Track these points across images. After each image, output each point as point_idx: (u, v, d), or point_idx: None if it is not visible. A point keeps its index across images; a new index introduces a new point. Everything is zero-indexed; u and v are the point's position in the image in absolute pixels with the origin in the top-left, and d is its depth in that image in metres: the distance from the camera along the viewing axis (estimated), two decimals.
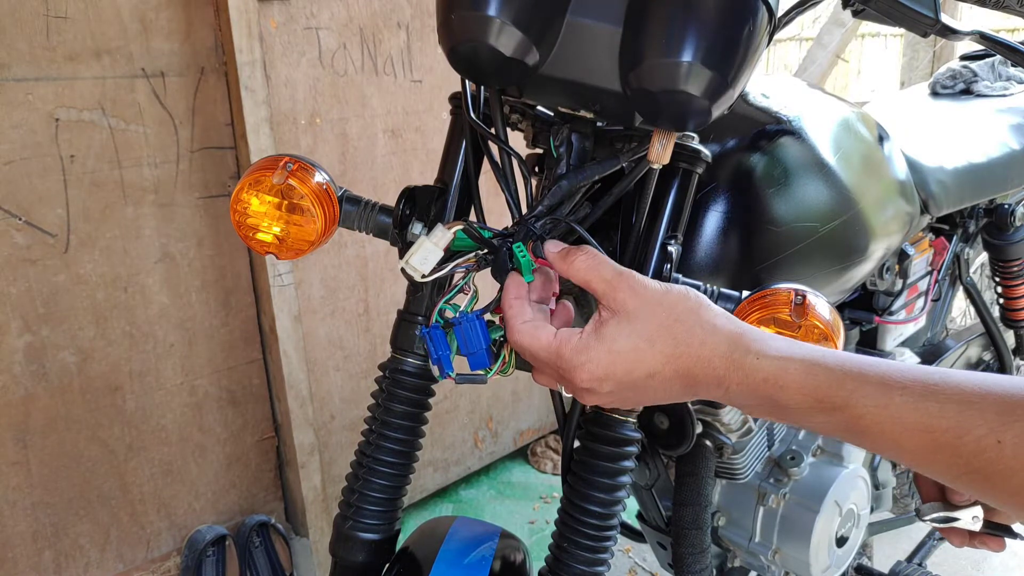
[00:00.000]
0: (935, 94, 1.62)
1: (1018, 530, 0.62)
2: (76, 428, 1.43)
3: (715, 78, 0.55)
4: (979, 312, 1.47)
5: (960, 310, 1.79)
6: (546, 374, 0.60)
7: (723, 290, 0.68)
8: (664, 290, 0.56)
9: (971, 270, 1.44)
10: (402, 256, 0.70)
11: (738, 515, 1.07)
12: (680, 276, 0.70)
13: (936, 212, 1.16)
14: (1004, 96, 1.53)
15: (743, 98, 0.85)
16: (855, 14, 0.82)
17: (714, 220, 0.79)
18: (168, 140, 1.45)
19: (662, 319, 0.54)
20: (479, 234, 0.65)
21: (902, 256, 1.18)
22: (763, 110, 0.85)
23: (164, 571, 1.60)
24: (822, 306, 0.63)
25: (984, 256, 1.49)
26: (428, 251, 0.64)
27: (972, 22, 0.88)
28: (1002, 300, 1.49)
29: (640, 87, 0.56)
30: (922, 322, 1.31)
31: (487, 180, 0.75)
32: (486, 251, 0.65)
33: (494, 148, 0.69)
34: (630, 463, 0.72)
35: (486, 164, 0.73)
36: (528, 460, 2.29)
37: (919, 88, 1.68)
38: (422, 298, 0.76)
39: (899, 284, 1.19)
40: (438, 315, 0.65)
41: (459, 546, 0.74)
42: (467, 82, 0.72)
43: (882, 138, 1.02)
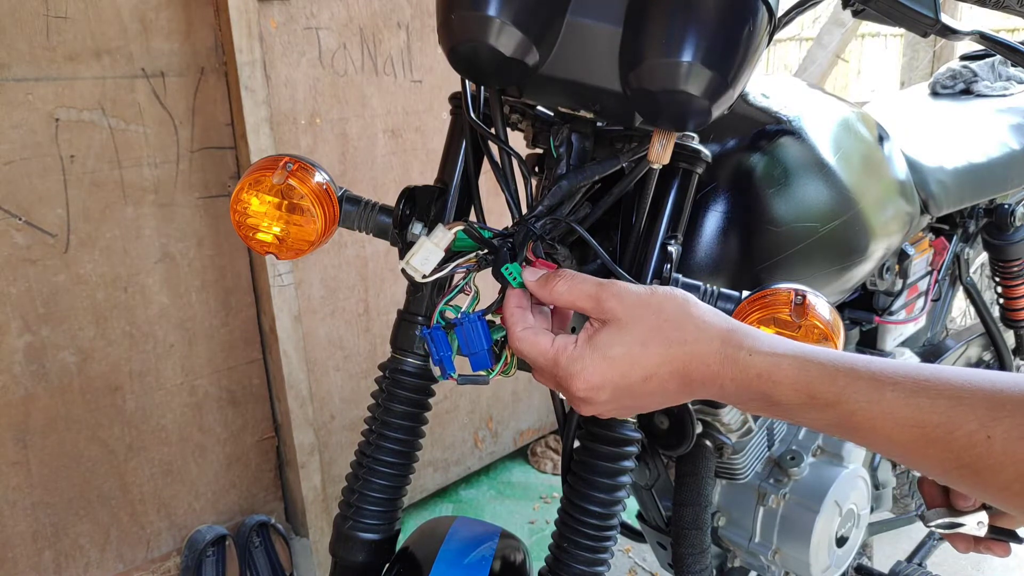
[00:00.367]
0: (935, 94, 1.62)
1: (1023, 534, 0.62)
2: (76, 428, 1.43)
3: (715, 78, 0.55)
4: (979, 312, 1.47)
5: (960, 310, 1.79)
6: (544, 377, 0.60)
7: (723, 290, 0.68)
8: (649, 292, 0.56)
9: (971, 270, 1.44)
10: (402, 256, 0.70)
11: (738, 515, 1.07)
12: (680, 276, 0.70)
13: (936, 212, 1.16)
14: (1004, 96, 1.53)
15: (743, 98, 0.85)
16: (855, 14, 0.82)
17: (714, 220, 0.79)
18: (168, 140, 1.45)
19: (652, 321, 0.55)
20: (479, 234, 0.65)
21: (902, 256, 1.18)
22: (763, 110, 0.85)
23: (164, 571, 1.60)
24: (822, 306, 0.63)
25: (984, 256, 1.49)
26: (429, 251, 0.64)
27: (972, 22, 0.88)
28: (1002, 300, 1.49)
29: (640, 87, 0.56)
30: (922, 322, 1.31)
31: (487, 180, 0.75)
32: (487, 251, 0.65)
33: (494, 148, 0.69)
34: (630, 463, 0.72)
35: (486, 164, 0.73)
36: (528, 460, 2.29)
37: (919, 88, 1.68)
38: (422, 298, 0.76)
39: (899, 284, 1.19)
40: (439, 316, 0.65)
41: (459, 546, 0.74)
42: (467, 82, 0.72)
43: (882, 138, 1.02)
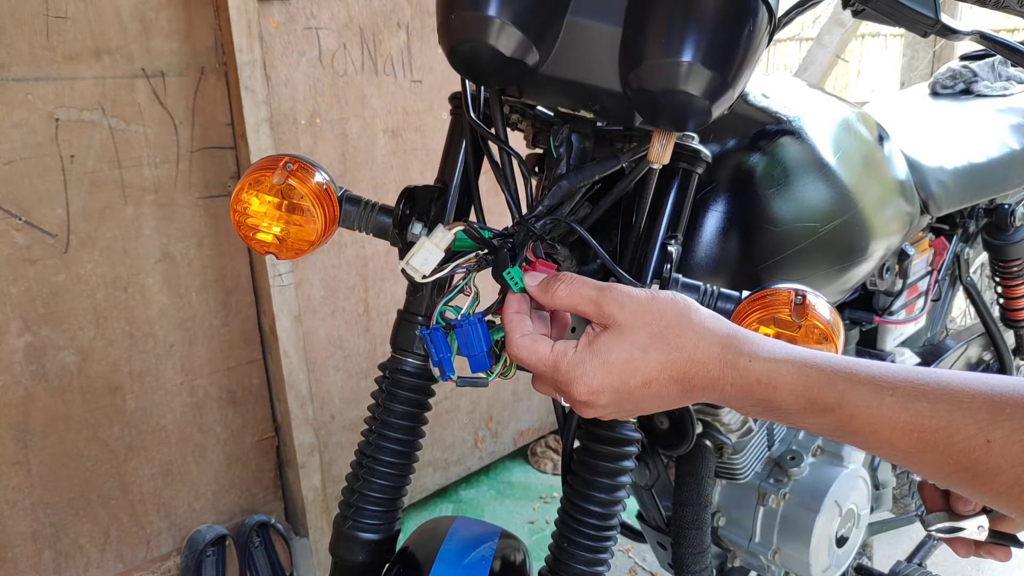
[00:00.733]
0: (935, 94, 1.62)
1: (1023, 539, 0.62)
2: (76, 428, 1.43)
3: (715, 78, 0.55)
4: (979, 312, 1.47)
5: (960, 310, 1.79)
6: (545, 384, 0.60)
7: (723, 290, 0.68)
8: (650, 297, 0.56)
9: (971, 270, 1.44)
10: (402, 256, 0.70)
11: (738, 515, 1.07)
12: (680, 276, 0.70)
13: (936, 212, 1.16)
14: (1004, 96, 1.53)
15: (743, 98, 0.85)
16: (855, 14, 0.81)
17: (714, 220, 0.79)
18: (168, 140, 1.45)
19: (653, 327, 0.55)
20: (479, 234, 0.64)
21: (902, 256, 1.18)
22: (763, 110, 0.85)
23: (164, 571, 1.60)
24: (822, 306, 0.63)
25: (984, 256, 1.49)
26: (429, 252, 0.64)
27: (972, 22, 0.88)
28: (1002, 300, 1.49)
29: (640, 87, 0.56)
30: (922, 322, 1.31)
31: (487, 180, 0.75)
32: (487, 251, 0.65)
33: (494, 148, 0.69)
34: (630, 463, 0.72)
35: (486, 164, 0.73)
36: (528, 460, 2.29)
37: (919, 88, 1.68)
38: (422, 298, 0.76)
39: (899, 284, 1.19)
40: (439, 317, 0.65)
41: (459, 546, 0.74)
42: (467, 82, 0.72)
43: (882, 138, 1.02)
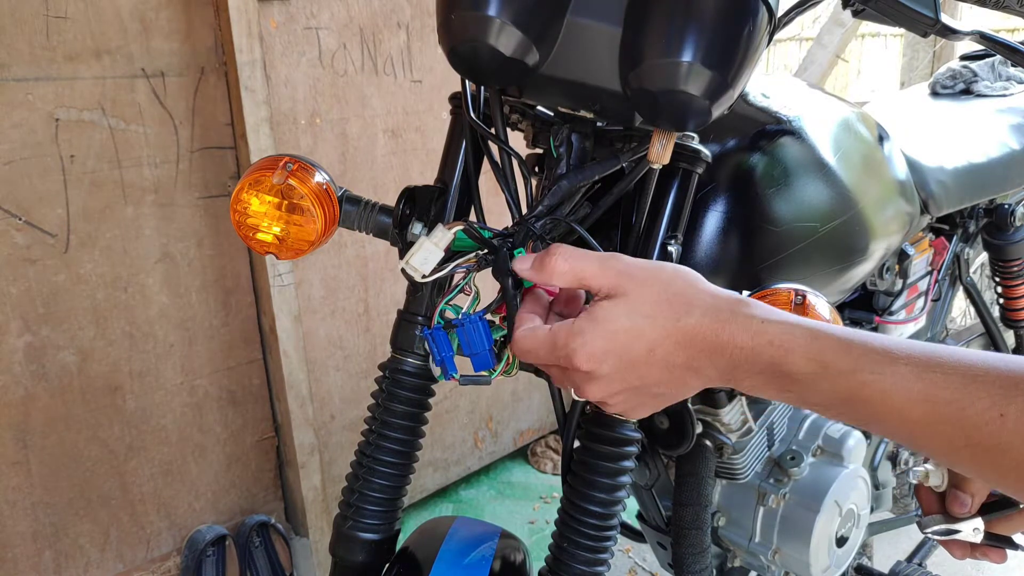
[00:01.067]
0: (935, 94, 1.62)
1: (1019, 541, 0.62)
2: (76, 428, 1.43)
3: (715, 78, 0.55)
4: (979, 312, 1.47)
5: (960, 310, 1.78)
6: (553, 374, 0.59)
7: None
8: (657, 267, 0.55)
9: (971, 270, 1.44)
10: (402, 256, 0.70)
11: (738, 515, 1.07)
12: None
13: (936, 212, 1.16)
14: (1004, 96, 1.53)
15: (743, 98, 0.85)
16: (855, 14, 0.82)
17: (714, 220, 0.79)
18: (168, 140, 1.45)
19: (659, 293, 0.53)
20: (479, 234, 0.64)
21: (902, 256, 1.18)
22: (763, 110, 0.85)
23: (164, 571, 1.60)
24: (822, 306, 0.64)
25: (984, 256, 1.49)
26: (428, 251, 0.64)
27: (972, 22, 0.88)
28: (1002, 300, 1.49)
29: (640, 87, 0.56)
30: (922, 322, 1.31)
31: (487, 180, 0.75)
32: (487, 251, 0.65)
33: (494, 148, 0.69)
34: (630, 463, 0.72)
35: (486, 164, 0.73)
36: (528, 460, 2.29)
37: (919, 88, 1.68)
38: (422, 298, 0.76)
39: (899, 284, 1.19)
40: (440, 316, 0.65)
41: (459, 546, 0.74)
42: (467, 82, 0.72)
43: (882, 138, 1.02)
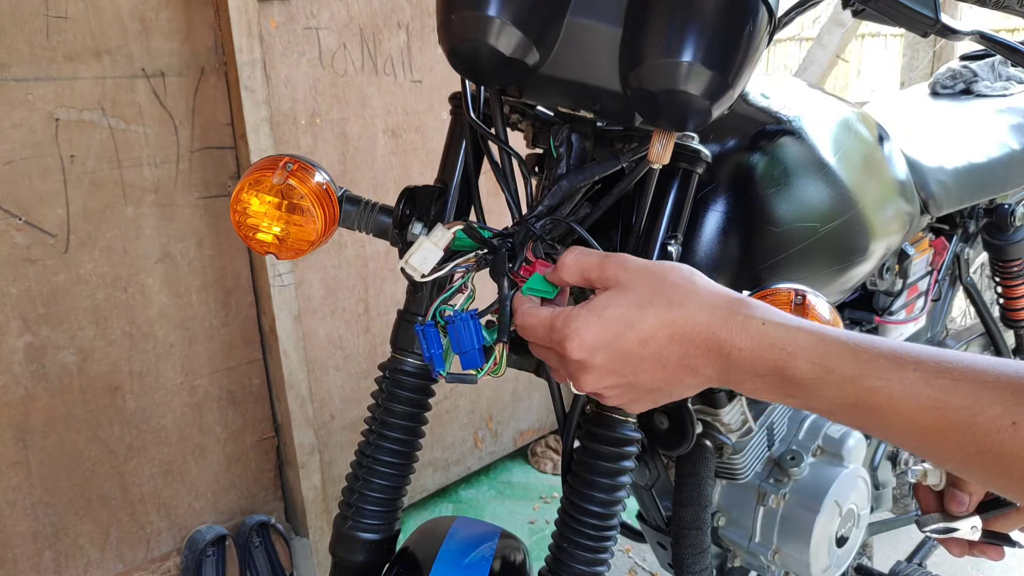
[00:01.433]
0: (935, 94, 1.62)
1: (1016, 538, 0.62)
2: (76, 428, 1.43)
3: (715, 78, 0.55)
4: (979, 312, 1.47)
5: (960, 310, 1.78)
6: (551, 362, 0.59)
7: None
8: (655, 263, 0.56)
9: (971, 270, 1.44)
10: (402, 256, 0.70)
11: (738, 515, 1.07)
12: None
13: (936, 212, 1.16)
14: (1004, 96, 1.53)
15: (743, 98, 0.85)
16: (855, 14, 0.81)
17: (714, 220, 0.79)
18: (168, 140, 1.45)
19: (654, 285, 0.53)
20: (479, 234, 0.65)
21: (902, 256, 1.18)
22: (763, 110, 0.85)
23: (164, 571, 1.60)
24: (822, 306, 0.64)
25: (984, 256, 1.49)
26: (428, 251, 0.64)
27: (972, 22, 0.88)
28: (1002, 300, 1.49)
29: (640, 87, 0.56)
30: (922, 322, 1.31)
31: (487, 180, 0.75)
32: (486, 251, 0.65)
33: (494, 148, 0.69)
34: (630, 463, 0.72)
35: (486, 164, 0.73)
36: (528, 460, 2.29)
37: (919, 88, 1.68)
38: (422, 298, 0.76)
39: (899, 284, 1.19)
40: (435, 314, 0.65)
41: (459, 546, 0.74)
42: (467, 82, 0.72)
43: (882, 138, 1.02)
